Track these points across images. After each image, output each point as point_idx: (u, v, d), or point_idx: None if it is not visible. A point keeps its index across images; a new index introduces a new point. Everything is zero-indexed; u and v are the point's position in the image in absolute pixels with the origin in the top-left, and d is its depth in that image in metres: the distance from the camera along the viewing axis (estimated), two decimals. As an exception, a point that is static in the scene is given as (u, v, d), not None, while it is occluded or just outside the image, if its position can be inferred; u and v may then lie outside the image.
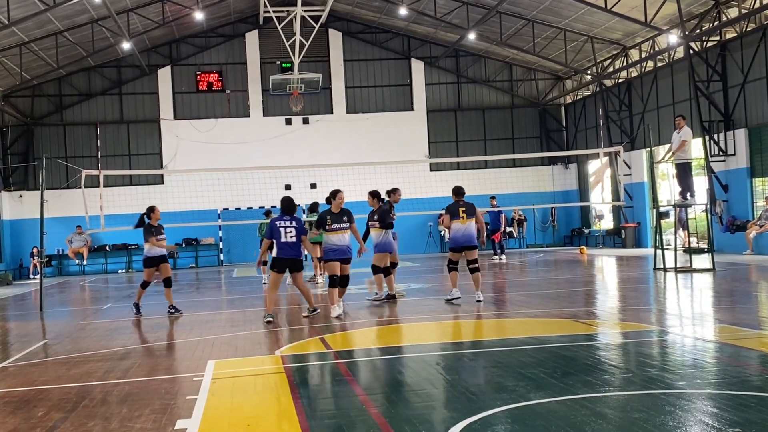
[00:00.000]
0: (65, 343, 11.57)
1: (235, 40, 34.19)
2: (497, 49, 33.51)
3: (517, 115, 35.77)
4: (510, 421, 5.99)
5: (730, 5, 23.48)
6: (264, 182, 28.34)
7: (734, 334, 9.52)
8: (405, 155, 33.09)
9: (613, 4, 24.49)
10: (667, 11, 24.30)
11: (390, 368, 8.67)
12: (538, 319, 11.84)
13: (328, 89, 34.24)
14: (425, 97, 35.17)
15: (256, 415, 6.64)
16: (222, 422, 6.45)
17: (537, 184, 34.63)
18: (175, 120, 33.54)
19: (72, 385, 8.21)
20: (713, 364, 8.00)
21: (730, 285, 15.38)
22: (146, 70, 33.16)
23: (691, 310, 12.23)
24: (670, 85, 27.78)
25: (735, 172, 24.39)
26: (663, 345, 9.22)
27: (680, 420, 5.77)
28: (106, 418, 6.73)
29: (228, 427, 6.29)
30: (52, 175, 30.16)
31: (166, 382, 8.23)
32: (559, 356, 8.51)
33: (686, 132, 17.83)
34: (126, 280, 27.50)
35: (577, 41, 29.86)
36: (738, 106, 24.08)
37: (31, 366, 9.67)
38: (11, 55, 27.44)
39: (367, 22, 34.56)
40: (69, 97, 33.17)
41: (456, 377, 7.67)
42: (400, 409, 6.56)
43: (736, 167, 24.33)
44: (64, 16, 26.10)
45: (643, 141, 28.63)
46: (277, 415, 6.53)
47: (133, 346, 10.81)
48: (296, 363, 9.03)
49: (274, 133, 33.67)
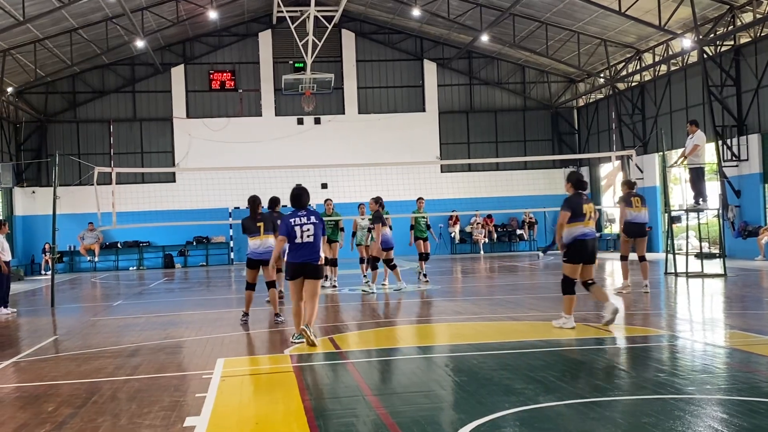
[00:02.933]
0: (76, 340, 11.62)
1: (248, 39, 34.27)
2: (510, 51, 33.46)
3: (530, 117, 35.70)
4: (519, 423, 5.98)
5: (744, 10, 23.37)
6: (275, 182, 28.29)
7: (745, 339, 9.47)
8: (416, 156, 33.07)
9: (627, 7, 24.41)
10: (681, 15, 24.22)
11: (398, 369, 8.67)
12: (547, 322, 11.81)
13: (340, 89, 34.27)
14: (437, 98, 35.16)
15: (264, 413, 6.66)
16: (230, 420, 6.46)
17: (548, 186, 34.49)
18: (187, 118, 33.65)
19: (82, 381, 8.25)
20: (723, 369, 7.96)
21: (742, 290, 15.31)
22: (159, 69, 33.27)
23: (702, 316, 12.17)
24: (683, 89, 27.67)
25: (748, 177, 24.27)
26: (673, 350, 9.19)
27: (689, 425, 5.75)
28: (115, 414, 6.75)
29: (236, 425, 6.30)
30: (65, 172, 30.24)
31: (175, 379, 8.25)
32: (568, 359, 8.48)
33: (699, 136, 17.75)
34: (137, 277, 27.60)
35: (591, 44, 29.78)
36: (751, 111, 23.96)
37: (41, 361, 9.72)
38: (26, 52, 27.57)
39: (380, 22, 34.58)
40: (82, 95, 33.32)
41: (465, 379, 7.66)
42: (409, 410, 6.56)
43: (749, 172, 24.20)
44: (79, 13, 26.22)
45: (655, 145, 28.52)
46: (285, 414, 6.53)
47: (143, 343, 10.84)
48: (305, 362, 9.03)
49: (286, 132, 33.71)
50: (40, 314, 15.86)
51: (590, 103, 34.80)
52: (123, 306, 16.92)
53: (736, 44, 24.39)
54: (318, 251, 10.17)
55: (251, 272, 12.70)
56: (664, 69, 28.83)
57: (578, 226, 10.46)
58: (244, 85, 34.10)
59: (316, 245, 10.14)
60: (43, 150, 32.33)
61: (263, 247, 12.46)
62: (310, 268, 10.11)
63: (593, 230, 10.68)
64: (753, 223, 24.00)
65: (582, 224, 10.46)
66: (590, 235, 10.54)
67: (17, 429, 6.35)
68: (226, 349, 10.12)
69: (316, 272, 10.16)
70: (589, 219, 10.53)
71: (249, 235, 12.64)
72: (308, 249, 10.09)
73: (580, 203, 10.55)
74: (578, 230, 10.46)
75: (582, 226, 10.46)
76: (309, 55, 29.40)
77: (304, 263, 10.09)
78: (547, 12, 27.79)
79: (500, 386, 7.18)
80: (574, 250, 10.51)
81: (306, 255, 10.07)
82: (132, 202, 27.40)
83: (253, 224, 12.58)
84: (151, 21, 28.89)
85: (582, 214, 10.47)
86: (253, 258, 12.61)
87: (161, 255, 32.90)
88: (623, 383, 7.31)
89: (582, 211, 10.47)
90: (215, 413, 6.63)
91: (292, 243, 10.15)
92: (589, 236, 10.51)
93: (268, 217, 12.82)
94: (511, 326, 11.45)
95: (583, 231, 10.46)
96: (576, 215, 10.47)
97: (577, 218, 10.47)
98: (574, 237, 10.48)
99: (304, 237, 10.06)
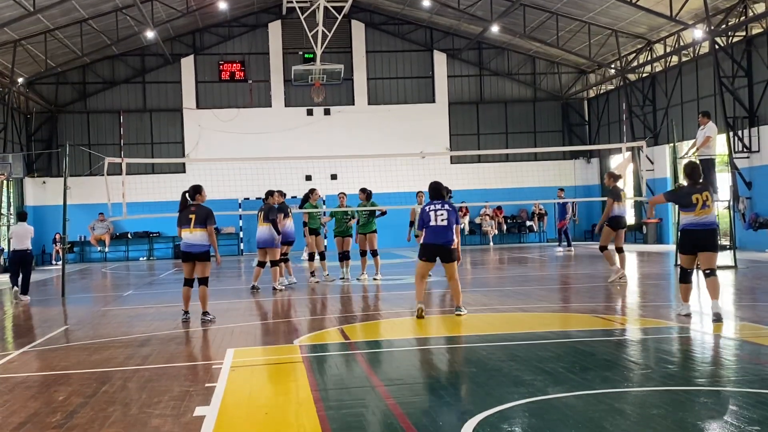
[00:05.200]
0: (86, 329, 11.68)
1: (257, 30, 34.25)
2: (520, 41, 33.34)
3: (540, 108, 35.60)
4: (527, 415, 5.98)
5: (756, 0, 23.21)
6: (285, 172, 28.39)
7: (755, 331, 9.45)
8: (426, 147, 32.99)
9: (638, -3, 24.29)
10: (692, 6, 24.06)
11: (407, 360, 8.68)
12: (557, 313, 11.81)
13: (350, 80, 34.23)
14: (447, 89, 35.08)
15: (274, 403, 6.68)
16: (240, 410, 6.49)
17: (558, 178, 34.36)
18: (197, 109, 33.69)
19: (92, 371, 8.29)
20: (733, 361, 7.94)
21: (752, 282, 15.25)
22: (170, 59, 33.30)
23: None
24: (694, 81, 27.53)
25: (759, 168, 24.15)
26: (683, 341, 9.17)
27: (699, 417, 5.74)
28: (125, 403, 6.78)
29: (246, 414, 6.32)
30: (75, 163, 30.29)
31: (185, 369, 8.29)
32: (578, 351, 8.48)
33: (711, 128, 17.66)
34: (147, 267, 27.69)
35: (601, 35, 29.64)
36: (763, 102, 23.82)
37: (52, 351, 9.77)
38: (36, 43, 27.63)
39: (390, 13, 34.49)
40: (93, 85, 33.39)
41: (474, 370, 7.67)
42: (418, 401, 6.57)
43: (760, 164, 24.08)
44: (89, 3, 26.25)
45: (666, 136, 28.39)
46: (294, 404, 6.55)
47: (153, 333, 10.89)
48: (314, 353, 9.06)
49: (296, 123, 33.71)
50: (51, 304, 15.94)
51: (601, 94, 34.66)
52: (133, 296, 16.99)
53: (748, 35, 24.23)
54: (452, 236, 11.19)
55: (186, 266, 12.08)
56: (675, 60, 28.68)
57: (688, 215, 10.34)
58: (254, 75, 34.09)
59: (449, 229, 11.16)
60: (54, 140, 32.44)
61: (193, 240, 11.88)
62: (445, 251, 11.23)
63: (705, 219, 10.27)
64: (764, 214, 23.88)
65: (693, 214, 10.26)
66: (699, 225, 10.24)
67: (28, 418, 6.38)
68: (236, 339, 10.16)
69: (450, 255, 11.26)
70: (703, 208, 10.20)
71: (180, 227, 12.05)
72: (442, 232, 11.17)
73: (690, 193, 10.31)
74: (686, 219, 10.39)
75: (692, 216, 10.27)
76: (319, 45, 29.37)
77: (438, 245, 11.19)
78: (558, 2, 27.67)
79: (509, 377, 7.18)
80: (681, 239, 10.63)
81: (440, 237, 11.17)
82: (142, 193, 27.47)
83: (185, 216, 12.00)
84: (161, 11, 28.90)
85: (692, 204, 10.23)
86: (184, 250, 12.05)
87: (171, 245, 32.98)
88: (633, 375, 7.29)
89: (691, 201, 10.23)
90: (225, 403, 6.65)
91: (428, 227, 11.23)
92: (698, 226, 10.24)
93: (203, 209, 12.00)
94: (521, 317, 11.43)
95: (691, 221, 10.31)
96: (685, 205, 10.33)
97: (687, 208, 10.31)
98: (681, 226, 10.55)
99: (438, 220, 11.16)
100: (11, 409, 6.69)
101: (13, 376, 8.29)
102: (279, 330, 10.91)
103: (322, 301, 14.69)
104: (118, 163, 20.23)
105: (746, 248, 23.51)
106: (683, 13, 24.35)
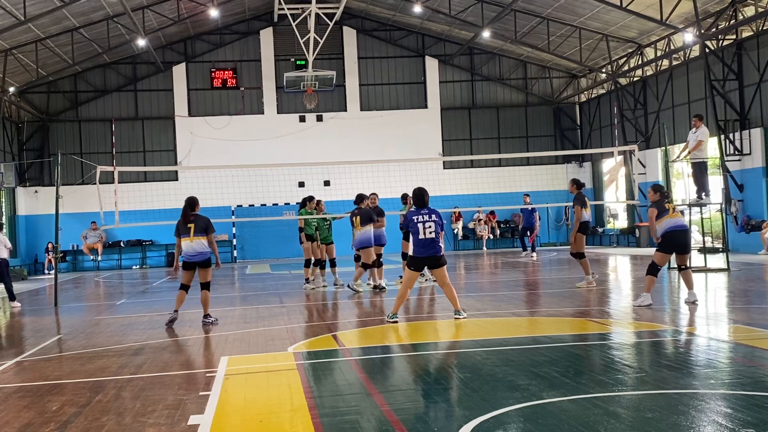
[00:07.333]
0: (79, 339, 11.63)
1: (249, 37, 34.27)
2: (512, 47, 33.44)
3: (532, 113, 35.69)
4: (522, 419, 5.98)
5: (746, 4, 23.32)
6: (278, 179, 28.39)
7: (748, 334, 9.47)
8: (419, 153, 33.04)
9: (628, 2, 24.38)
10: (682, 9, 24.17)
11: (402, 366, 8.68)
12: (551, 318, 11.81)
13: (342, 87, 34.27)
14: (439, 94, 35.15)
15: (268, 411, 6.66)
16: (235, 418, 6.47)
17: (551, 182, 34.47)
18: (189, 117, 33.67)
19: (86, 380, 8.26)
20: (727, 364, 7.95)
21: (745, 285, 15.29)
22: (161, 67, 33.28)
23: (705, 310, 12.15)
24: (685, 84, 27.64)
25: (750, 171, 24.25)
26: (677, 345, 9.19)
27: (693, 420, 5.75)
28: (119, 413, 6.76)
29: (240, 422, 6.31)
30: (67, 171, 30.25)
31: (179, 377, 8.26)
32: (572, 355, 8.48)
33: (703, 132, 17.74)
34: (140, 276, 27.62)
35: (592, 39, 29.75)
36: (754, 105, 23.93)
37: (45, 361, 9.73)
38: (27, 52, 27.59)
39: (382, 19, 34.56)
40: (84, 94, 33.35)
41: (468, 375, 7.66)
42: (412, 407, 6.56)
43: (751, 166, 24.19)
44: (80, 12, 26.23)
45: (658, 140, 28.49)
46: (289, 412, 6.54)
47: (147, 341, 10.86)
48: (309, 360, 9.04)
49: (288, 130, 33.72)
50: (44, 313, 15.87)
51: (592, 98, 34.77)
52: (126, 305, 16.94)
53: (738, 38, 24.35)
54: (439, 245, 11.44)
55: (186, 273, 12.38)
56: (666, 64, 28.80)
57: (665, 219, 12.20)
58: (246, 83, 34.10)
59: (436, 240, 11.36)
60: (46, 149, 32.38)
61: (193, 250, 12.10)
62: (434, 260, 11.44)
63: (682, 221, 12.45)
64: (756, 217, 23.98)
65: (668, 216, 12.19)
66: (678, 226, 12.23)
67: (22, 428, 6.35)
68: (229, 347, 10.13)
69: (439, 262, 11.43)
70: (674, 211, 12.34)
71: (179, 236, 12.28)
72: (431, 244, 11.33)
73: (662, 201, 12.39)
74: (670, 223, 12.18)
75: (668, 218, 12.19)
76: (310, 52, 29.39)
77: (428, 257, 11.40)
78: (549, 8, 27.77)
79: (504, 382, 7.18)
80: (666, 242, 12.23)
81: (429, 250, 11.34)
82: (134, 201, 27.38)
83: (184, 226, 12.23)
84: (152, 19, 28.90)
85: (665, 210, 12.24)
86: (186, 261, 12.26)
87: (164, 253, 32.93)
88: (627, 379, 7.30)
89: (665, 208, 12.27)
90: (219, 411, 6.64)
91: (416, 239, 11.36)
92: (678, 227, 12.21)
93: (201, 218, 12.28)
94: (515, 322, 11.44)
95: (672, 223, 12.19)
96: (663, 211, 12.25)
97: (664, 214, 12.22)
98: (665, 230, 12.20)
99: (427, 233, 11.28)
100: (5, 420, 6.66)
101: (6, 386, 8.26)
102: (273, 337, 10.89)
103: (316, 307, 14.68)
104: (111, 171, 20.18)
105: (738, 251, 23.59)
106: (673, 17, 24.46)
